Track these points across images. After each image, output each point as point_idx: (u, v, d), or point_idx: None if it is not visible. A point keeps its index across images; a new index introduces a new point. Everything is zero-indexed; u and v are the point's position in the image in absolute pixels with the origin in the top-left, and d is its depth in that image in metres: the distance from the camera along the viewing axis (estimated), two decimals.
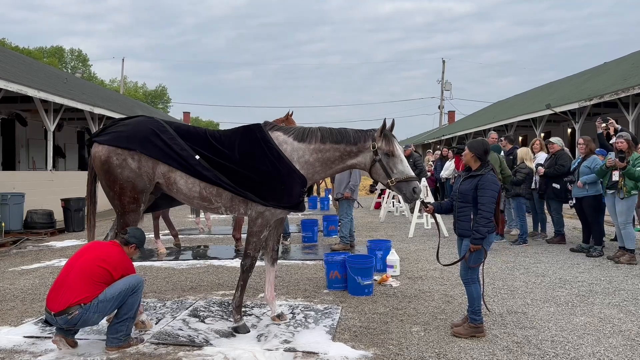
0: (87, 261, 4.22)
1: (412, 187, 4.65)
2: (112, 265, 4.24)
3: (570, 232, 10.53)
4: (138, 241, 4.52)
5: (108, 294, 4.13)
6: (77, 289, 4.08)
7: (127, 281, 4.23)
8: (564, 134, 20.61)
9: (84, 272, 4.15)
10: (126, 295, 4.19)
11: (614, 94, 14.14)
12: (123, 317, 4.22)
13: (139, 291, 4.29)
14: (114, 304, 4.17)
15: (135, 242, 4.50)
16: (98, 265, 4.18)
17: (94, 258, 4.24)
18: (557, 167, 9.04)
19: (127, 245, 4.48)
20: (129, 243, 4.48)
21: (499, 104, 33.57)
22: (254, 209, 4.69)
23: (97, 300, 4.09)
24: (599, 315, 5.21)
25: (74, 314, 4.04)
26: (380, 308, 5.49)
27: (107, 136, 4.74)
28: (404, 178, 4.64)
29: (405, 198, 4.74)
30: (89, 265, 4.18)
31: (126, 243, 4.48)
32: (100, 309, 4.11)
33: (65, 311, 4.05)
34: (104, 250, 4.34)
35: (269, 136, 4.69)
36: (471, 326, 4.59)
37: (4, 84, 11.23)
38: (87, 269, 4.16)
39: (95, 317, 4.14)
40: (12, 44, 46.98)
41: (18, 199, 11.21)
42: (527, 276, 6.91)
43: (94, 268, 4.17)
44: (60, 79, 18.83)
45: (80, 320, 4.09)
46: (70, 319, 4.06)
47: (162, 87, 68.35)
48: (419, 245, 9.52)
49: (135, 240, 4.50)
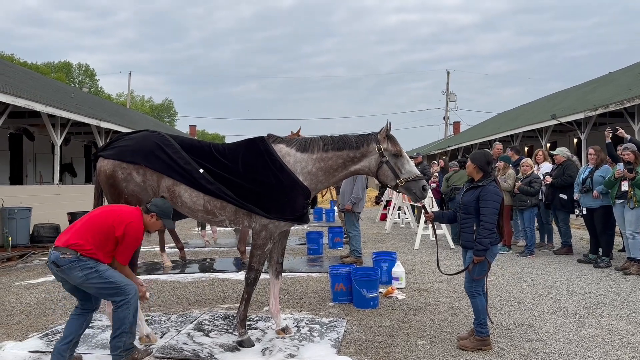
0: (102, 211, 4.15)
1: (421, 185, 4.67)
2: (121, 220, 4.02)
3: (577, 242, 10.45)
4: (159, 210, 4.22)
5: (106, 273, 3.94)
6: (84, 237, 3.96)
7: (125, 281, 4.03)
8: (569, 144, 20.54)
9: (94, 219, 4.07)
10: (113, 291, 3.97)
11: (620, 104, 14.09)
12: (117, 333, 4.03)
13: (130, 304, 4.01)
14: (99, 286, 3.94)
15: (155, 211, 4.21)
16: (108, 217, 4.05)
17: (109, 210, 4.17)
18: (564, 177, 9.00)
19: (148, 214, 4.22)
20: (149, 211, 4.22)
21: (504, 114, 33.53)
22: (258, 222, 4.70)
23: (95, 266, 3.92)
24: (607, 327, 5.16)
25: (66, 255, 3.89)
26: (385, 321, 5.46)
27: (113, 150, 4.78)
28: (412, 177, 4.65)
29: (415, 197, 4.74)
30: (101, 215, 4.10)
31: (147, 211, 4.22)
32: (89, 274, 3.90)
33: (61, 249, 3.93)
34: (122, 208, 4.20)
35: (272, 148, 4.71)
36: (477, 339, 4.56)
37: (12, 99, 11.35)
38: (98, 219, 4.07)
39: (79, 276, 3.90)
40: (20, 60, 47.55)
41: (25, 213, 11.28)
42: (534, 288, 6.85)
43: (103, 219, 4.05)
44: (68, 93, 19.02)
45: (67, 266, 3.89)
46: (62, 258, 3.89)
47: (169, 100, 68.93)
48: (425, 257, 9.47)
49: (155, 209, 4.21)
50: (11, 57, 46.77)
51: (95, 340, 4.88)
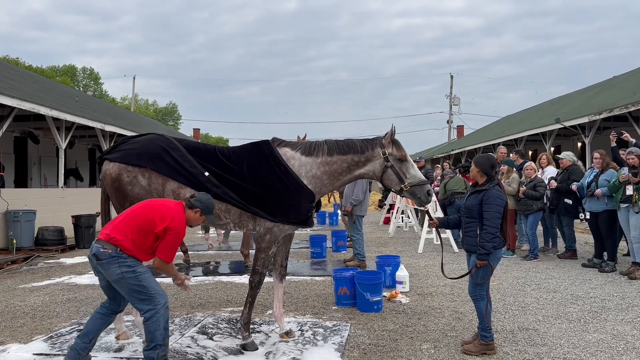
0: (145, 205, 4.13)
1: (425, 190, 4.68)
2: (163, 216, 3.98)
3: (581, 247, 10.41)
4: (203, 206, 4.18)
5: (142, 276, 3.92)
6: (120, 229, 3.96)
7: (157, 291, 3.96)
8: (574, 148, 20.48)
9: (136, 213, 4.05)
10: (142, 297, 3.91)
11: (624, 108, 14.05)
12: (150, 346, 3.95)
13: (158, 315, 3.91)
14: (131, 287, 3.91)
15: (199, 207, 4.17)
16: (152, 212, 4.02)
17: (152, 204, 4.14)
18: (569, 182, 8.98)
19: (192, 209, 4.18)
20: (193, 207, 4.17)
21: (508, 118, 33.48)
22: (263, 225, 4.71)
23: (134, 265, 3.92)
24: (612, 332, 5.13)
25: (106, 250, 3.91)
26: (389, 325, 5.45)
27: (118, 154, 4.80)
28: (417, 182, 4.66)
29: (420, 202, 4.74)
30: (144, 209, 4.08)
31: (191, 206, 4.18)
32: (125, 273, 3.88)
33: (103, 242, 3.94)
34: (165, 203, 4.17)
35: (276, 152, 4.72)
36: (482, 343, 4.54)
37: (17, 103, 11.41)
38: (141, 212, 4.05)
39: (116, 272, 3.89)
40: (25, 63, 47.80)
41: (29, 215, 11.31)
42: (539, 292, 6.83)
43: (147, 212, 4.03)
44: (72, 97, 19.10)
45: (106, 260, 3.90)
46: (102, 252, 3.91)
47: (173, 104, 69.15)
48: (429, 261, 9.45)
49: (200, 205, 4.17)
50: (16, 60, 47.03)
51: (99, 343, 4.87)
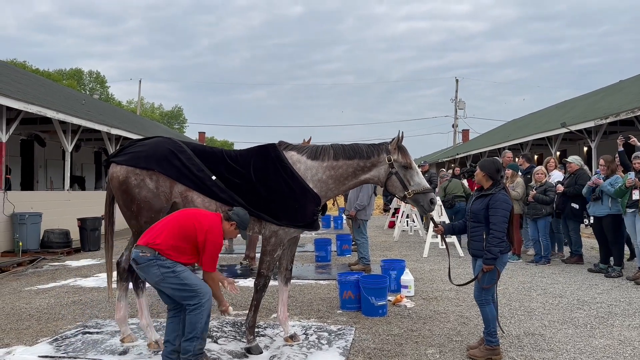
0: (184, 214, 4.21)
1: (429, 198, 4.67)
2: (201, 225, 4.07)
3: (587, 252, 10.36)
4: (239, 220, 4.27)
5: (182, 274, 3.99)
6: (161, 236, 4.04)
7: (200, 286, 4.03)
8: (580, 153, 20.40)
9: (175, 222, 4.12)
10: (187, 294, 3.98)
11: (630, 112, 13.99)
12: (188, 337, 4.02)
13: (203, 308, 3.99)
14: (174, 287, 3.99)
15: (236, 220, 4.25)
16: (190, 221, 4.10)
17: (191, 214, 4.21)
18: (576, 186, 8.93)
19: (228, 222, 4.26)
20: (230, 219, 4.26)
21: (513, 122, 33.40)
22: (268, 228, 4.71)
23: (172, 266, 3.98)
24: (619, 337, 5.10)
25: (145, 254, 3.99)
26: (394, 329, 5.43)
27: (125, 157, 4.80)
28: (420, 190, 4.66)
29: (423, 210, 4.74)
30: (183, 218, 4.15)
31: (227, 218, 4.26)
32: (165, 274, 3.96)
33: (142, 247, 4.02)
34: (204, 213, 4.26)
35: (283, 156, 4.73)
36: (487, 348, 4.52)
37: (24, 106, 11.48)
38: (180, 221, 4.12)
39: (156, 274, 3.97)
40: (32, 67, 48.11)
41: (35, 218, 11.36)
42: (545, 297, 6.79)
43: (185, 221, 4.11)
44: (79, 100, 19.20)
45: (145, 264, 3.98)
46: (141, 256, 4.00)
47: (179, 107, 69.44)
48: (434, 265, 9.42)
49: (236, 218, 4.26)
50: (24, 64, 47.34)
51: (104, 345, 4.89)
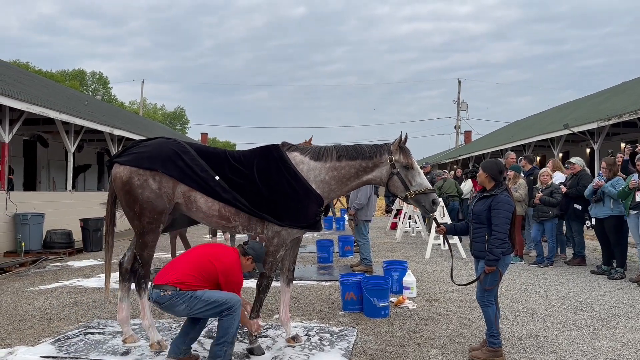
0: (203, 253, 4.28)
1: (431, 199, 4.67)
2: (222, 267, 4.19)
3: (590, 253, 10.32)
4: (256, 255, 4.43)
5: (205, 295, 4.07)
6: (181, 273, 4.12)
7: (226, 297, 4.12)
8: (582, 154, 20.36)
9: (195, 261, 4.20)
10: (218, 308, 4.07)
11: (633, 114, 13.96)
12: (220, 340, 4.12)
13: (235, 314, 4.11)
14: (204, 309, 4.08)
15: (252, 255, 4.41)
16: (210, 261, 4.19)
17: (210, 253, 4.28)
18: (579, 187, 8.92)
19: (245, 256, 4.41)
20: (247, 254, 4.40)
21: (516, 123, 33.36)
22: (271, 229, 4.71)
23: (192, 294, 4.06)
24: (622, 339, 5.08)
25: (166, 293, 4.06)
26: (396, 331, 5.42)
27: (129, 157, 4.79)
28: (422, 190, 4.66)
29: (425, 210, 4.73)
30: (202, 257, 4.23)
31: (244, 253, 4.41)
32: (190, 303, 4.05)
33: (162, 287, 4.09)
34: (222, 251, 4.34)
35: (286, 156, 4.74)
36: (490, 350, 4.51)
37: (27, 106, 11.51)
38: (199, 260, 4.21)
39: (182, 308, 4.08)
40: (35, 68, 48.25)
41: (38, 219, 11.39)
42: (547, 299, 6.78)
43: (205, 261, 4.19)
44: (81, 101, 19.24)
45: (168, 302, 4.06)
46: (162, 296, 4.07)
47: (181, 108, 69.48)
48: (436, 266, 9.41)
49: (252, 253, 4.42)
50: (26, 65, 47.49)
51: (106, 346, 4.89)
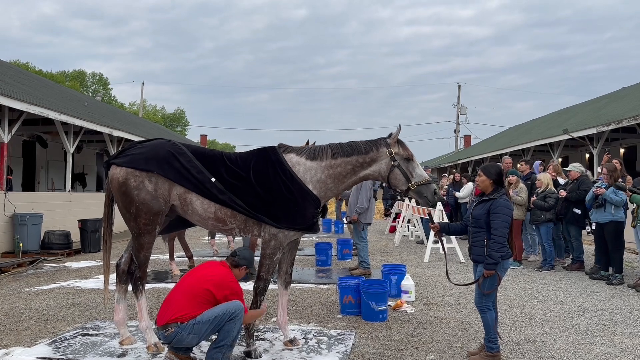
0: (194, 280, 4.28)
1: (432, 189, 4.69)
2: (215, 285, 4.21)
3: (589, 259, 10.30)
4: (247, 262, 4.49)
5: (205, 316, 4.09)
6: (179, 307, 4.13)
7: (226, 307, 4.15)
8: (582, 159, 20.38)
9: (188, 291, 4.21)
10: (222, 321, 4.10)
11: (633, 119, 13.98)
12: (220, 344, 4.14)
13: (237, 319, 4.16)
14: (210, 328, 4.11)
15: (245, 264, 4.47)
16: (202, 286, 4.20)
17: (199, 277, 4.29)
18: (579, 192, 8.91)
19: (238, 268, 4.46)
20: (239, 265, 4.46)
21: (515, 128, 33.39)
22: (268, 231, 4.69)
23: (193, 322, 4.08)
24: (620, 345, 5.07)
25: (169, 331, 4.08)
26: (394, 335, 5.41)
27: (125, 158, 4.79)
28: (423, 181, 4.69)
29: (427, 201, 4.73)
30: (194, 285, 4.24)
31: (236, 265, 4.46)
32: (195, 330, 4.08)
33: (164, 327, 4.10)
34: (210, 271, 4.36)
35: (282, 158, 4.72)
36: (488, 355, 4.49)
37: (26, 107, 11.50)
38: (191, 289, 4.21)
39: (190, 338, 4.10)
40: (35, 68, 48.26)
41: (36, 219, 11.36)
42: (546, 304, 6.76)
43: (197, 288, 4.20)
44: (81, 102, 19.24)
45: (175, 339, 4.09)
46: (167, 335, 4.10)
47: (181, 110, 69.43)
48: (435, 270, 9.39)
49: (245, 262, 4.47)
50: (27, 65, 47.49)
51: (103, 348, 4.87)
